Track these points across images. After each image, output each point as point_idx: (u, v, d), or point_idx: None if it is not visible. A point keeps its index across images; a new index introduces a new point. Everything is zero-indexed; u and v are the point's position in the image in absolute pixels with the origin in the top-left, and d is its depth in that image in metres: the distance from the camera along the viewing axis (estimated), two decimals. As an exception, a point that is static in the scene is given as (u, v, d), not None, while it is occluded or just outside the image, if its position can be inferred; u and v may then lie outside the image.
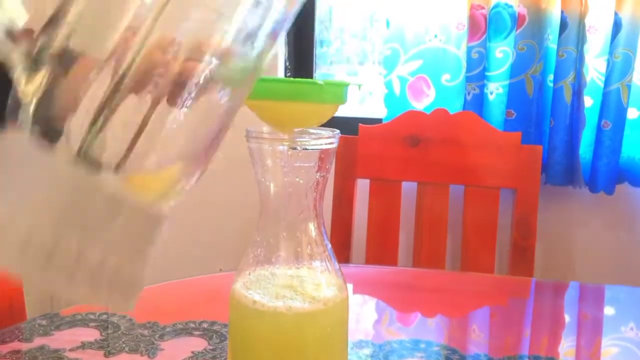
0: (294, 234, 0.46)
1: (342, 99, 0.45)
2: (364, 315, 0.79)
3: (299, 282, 0.45)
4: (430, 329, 0.76)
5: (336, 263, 0.47)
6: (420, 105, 1.33)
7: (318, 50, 1.57)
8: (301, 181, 0.44)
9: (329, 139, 0.43)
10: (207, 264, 1.51)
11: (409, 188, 1.27)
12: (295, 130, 0.45)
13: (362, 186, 1.28)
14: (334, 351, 0.44)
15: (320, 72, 1.59)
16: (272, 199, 0.45)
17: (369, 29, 1.62)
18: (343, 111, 1.55)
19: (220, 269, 1.51)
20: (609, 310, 0.85)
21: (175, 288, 0.85)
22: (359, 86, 0.48)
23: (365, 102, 1.64)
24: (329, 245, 0.47)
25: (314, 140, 0.43)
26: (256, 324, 0.43)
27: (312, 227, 0.45)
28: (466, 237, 1.25)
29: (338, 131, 0.45)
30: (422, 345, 0.68)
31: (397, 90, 1.33)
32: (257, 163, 0.45)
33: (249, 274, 0.46)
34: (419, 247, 1.26)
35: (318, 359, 0.43)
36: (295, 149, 0.43)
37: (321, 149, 0.43)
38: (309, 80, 0.43)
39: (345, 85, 0.44)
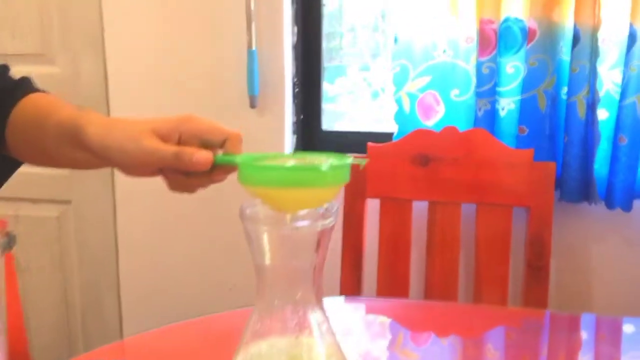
0: (293, 310, 0.44)
1: (344, 179, 0.44)
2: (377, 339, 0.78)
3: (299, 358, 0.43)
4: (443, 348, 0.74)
5: (336, 342, 0.45)
6: (430, 122, 1.30)
7: (329, 44, 1.53)
8: (299, 261, 0.43)
9: (327, 220, 0.42)
10: (219, 281, 1.50)
11: (420, 207, 1.25)
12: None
13: (372, 206, 1.27)
14: None
15: (331, 64, 1.55)
16: (268, 276, 0.44)
17: (381, 21, 1.58)
18: (352, 126, 1.52)
19: (230, 289, 1.51)
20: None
21: (181, 331, 0.84)
22: (362, 164, 0.47)
23: (378, 100, 1.60)
24: (328, 319, 0.45)
25: (312, 221, 0.42)
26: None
27: (311, 304, 0.44)
28: (479, 256, 1.22)
29: (337, 206, 0.44)
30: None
31: (406, 107, 1.30)
32: (253, 242, 0.43)
33: (249, 351, 0.45)
34: (431, 267, 1.25)
35: None
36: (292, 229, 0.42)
37: (319, 230, 0.42)
38: (312, 165, 0.42)
39: (348, 165, 0.43)
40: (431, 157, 1.22)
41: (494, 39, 1.22)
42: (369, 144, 1.24)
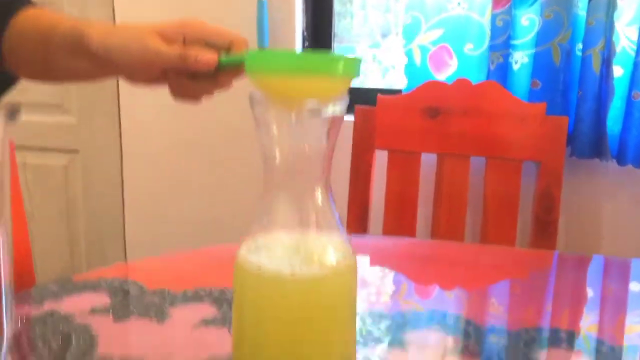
0: (300, 202, 0.44)
1: (354, 73, 0.43)
2: (381, 286, 0.77)
3: (305, 250, 0.43)
4: (448, 301, 0.74)
5: (344, 231, 0.45)
6: (442, 75, 1.29)
7: (340, 23, 1.53)
8: (308, 149, 0.42)
9: (338, 106, 0.41)
10: (226, 232, 1.50)
11: (428, 160, 1.24)
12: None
13: (381, 158, 1.26)
14: (341, 320, 0.42)
15: (342, 45, 1.55)
16: (276, 166, 0.43)
17: (393, 2, 1.57)
18: (362, 82, 1.51)
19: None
20: (635, 286, 0.82)
21: (186, 258, 0.84)
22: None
23: (388, 75, 1.60)
24: (337, 214, 0.45)
25: (322, 107, 0.41)
26: (260, 290, 0.41)
27: (318, 194, 0.43)
28: (487, 210, 1.21)
29: (347, 98, 0.43)
30: (438, 317, 0.66)
31: (417, 60, 1.29)
32: (262, 130, 0.43)
33: (254, 241, 0.44)
34: (437, 220, 1.24)
35: (323, 327, 0.42)
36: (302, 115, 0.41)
37: (329, 116, 0.41)
38: (322, 54, 0.41)
39: (359, 60, 0.42)
40: (441, 109, 1.21)
41: (510, -10, 1.20)
42: (379, 95, 1.23)
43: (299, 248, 0.43)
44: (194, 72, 0.52)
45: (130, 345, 0.61)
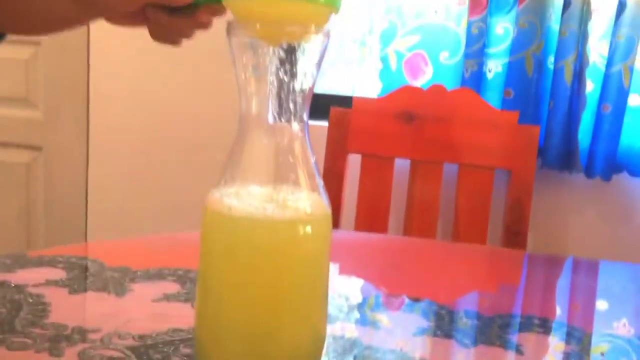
0: (275, 144, 0.42)
1: (335, 4, 0.41)
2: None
3: (279, 194, 0.41)
4: (420, 290, 0.72)
5: (320, 179, 0.43)
6: (417, 82, 1.29)
7: None
8: (286, 83, 0.40)
9: (321, 36, 0.40)
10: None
11: (401, 165, 1.24)
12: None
13: (354, 162, 1.24)
14: (314, 268, 0.40)
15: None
16: (253, 101, 0.41)
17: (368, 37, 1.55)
18: (337, 89, 1.48)
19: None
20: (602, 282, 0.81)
21: (152, 240, 0.81)
22: None
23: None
24: (313, 159, 0.43)
25: (300, 36, 0.39)
26: (231, 231, 0.39)
27: (296, 135, 0.41)
28: (458, 218, 1.21)
29: (329, 30, 0.41)
30: (407, 302, 0.64)
31: (393, 65, 1.29)
32: (238, 60, 0.41)
33: (226, 184, 0.42)
34: (409, 226, 1.23)
35: (296, 275, 0.39)
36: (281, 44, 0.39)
37: (308, 45, 0.39)
38: None
39: None
40: (416, 114, 1.21)
41: (486, -1, 1.21)
42: (355, 97, 1.23)
43: (273, 192, 0.41)
44: (173, 4, 0.49)
45: (85, 316, 0.57)
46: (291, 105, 0.41)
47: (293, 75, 0.40)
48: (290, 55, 0.39)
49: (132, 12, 0.51)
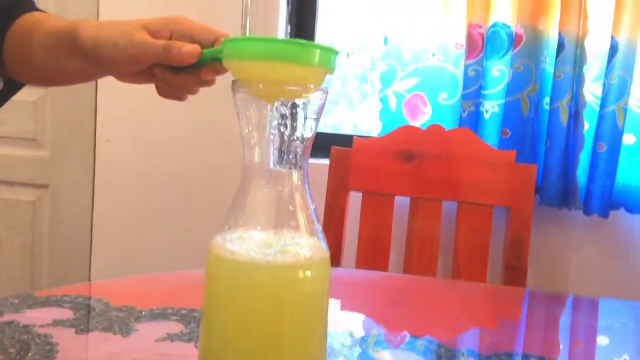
0: (277, 193, 0.44)
1: (331, 65, 0.43)
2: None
3: (280, 239, 0.43)
4: (420, 328, 0.73)
5: (319, 225, 0.45)
6: (416, 122, 1.32)
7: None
8: (287, 136, 0.43)
9: (319, 93, 0.42)
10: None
11: (402, 203, 1.26)
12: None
13: (355, 199, 1.26)
14: (313, 311, 0.42)
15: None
16: (255, 151, 0.43)
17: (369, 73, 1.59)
18: (338, 128, 1.51)
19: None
20: (603, 321, 0.82)
21: (156, 279, 0.82)
22: (349, 54, 0.47)
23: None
24: (313, 206, 0.45)
25: (298, 95, 0.42)
26: (234, 275, 0.41)
27: (297, 185, 0.43)
28: (458, 255, 1.22)
29: (327, 87, 0.44)
30: (409, 339, 0.66)
31: (393, 106, 1.32)
32: (242, 114, 0.43)
33: (229, 229, 0.44)
34: (409, 263, 1.24)
35: (296, 317, 0.41)
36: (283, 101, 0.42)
37: (307, 101, 0.42)
38: (299, 41, 0.42)
39: (336, 52, 0.43)
40: (415, 153, 1.24)
41: (482, 43, 1.25)
42: (355, 137, 1.25)
43: (274, 238, 0.43)
44: (178, 64, 0.53)
45: (91, 356, 0.58)
46: (292, 156, 0.43)
47: (294, 129, 0.43)
48: (291, 111, 0.41)
49: (140, 70, 0.55)
